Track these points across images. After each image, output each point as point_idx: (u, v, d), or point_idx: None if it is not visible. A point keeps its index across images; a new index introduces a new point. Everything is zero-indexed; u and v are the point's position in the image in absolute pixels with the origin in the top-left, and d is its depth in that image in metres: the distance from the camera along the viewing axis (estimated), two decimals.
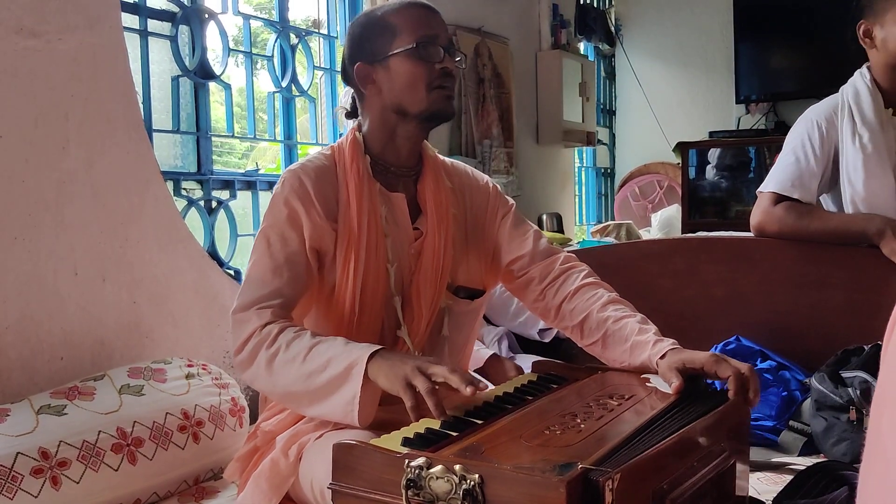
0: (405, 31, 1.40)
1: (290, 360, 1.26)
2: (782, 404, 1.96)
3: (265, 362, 1.28)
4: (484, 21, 3.71)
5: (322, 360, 1.23)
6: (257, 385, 1.34)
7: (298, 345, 1.26)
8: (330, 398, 1.22)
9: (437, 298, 1.44)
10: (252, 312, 1.32)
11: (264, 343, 1.28)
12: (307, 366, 1.24)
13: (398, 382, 1.14)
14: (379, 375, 1.18)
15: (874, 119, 2.09)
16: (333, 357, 1.22)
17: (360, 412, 1.19)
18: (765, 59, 4.92)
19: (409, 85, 1.40)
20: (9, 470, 1.39)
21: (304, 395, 1.26)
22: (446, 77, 1.41)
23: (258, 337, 1.29)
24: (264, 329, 1.30)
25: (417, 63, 1.39)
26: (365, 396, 1.19)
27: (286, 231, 1.37)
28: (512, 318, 2.57)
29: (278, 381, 1.28)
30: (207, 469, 1.76)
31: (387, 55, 1.40)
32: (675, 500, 0.94)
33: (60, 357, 1.79)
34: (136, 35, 2.17)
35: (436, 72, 1.40)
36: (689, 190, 4.47)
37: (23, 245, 1.73)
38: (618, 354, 1.40)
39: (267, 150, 3.88)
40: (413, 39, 1.39)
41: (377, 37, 1.42)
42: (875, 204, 2.09)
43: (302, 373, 1.24)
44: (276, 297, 1.33)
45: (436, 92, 1.41)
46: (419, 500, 0.89)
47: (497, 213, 1.56)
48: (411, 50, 1.39)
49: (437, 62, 1.40)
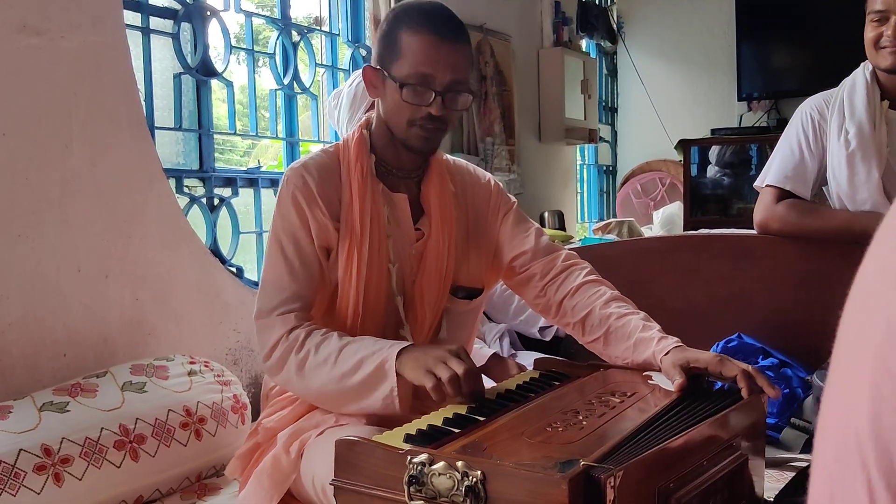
0: (406, 58, 1.32)
1: (320, 363, 1.28)
2: (784, 402, 1.96)
3: (296, 367, 1.30)
4: (486, 18, 3.71)
5: (354, 360, 1.26)
6: (291, 388, 1.38)
7: (327, 348, 1.29)
8: (367, 397, 1.25)
9: (440, 300, 1.44)
10: (275, 318, 1.34)
11: (293, 349, 1.31)
12: (339, 368, 1.27)
13: (420, 372, 1.18)
14: (405, 369, 1.22)
15: (864, 114, 2.08)
16: (365, 357, 1.25)
17: (401, 403, 1.23)
18: (767, 57, 4.92)
19: (394, 112, 1.37)
20: (11, 467, 1.40)
21: (339, 396, 1.29)
22: (431, 121, 1.35)
23: (286, 343, 1.31)
24: (291, 334, 1.32)
25: (403, 100, 1.34)
26: (402, 388, 1.23)
27: (297, 232, 1.37)
28: (513, 317, 2.58)
29: (311, 385, 1.30)
30: (210, 466, 1.76)
31: (386, 73, 1.36)
32: (681, 499, 0.94)
33: (63, 354, 1.80)
34: (138, 33, 2.17)
35: (421, 112, 1.34)
36: (691, 187, 4.46)
37: (26, 242, 1.73)
38: (620, 351, 1.40)
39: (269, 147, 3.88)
40: (406, 74, 1.32)
41: (386, 47, 1.36)
42: (859, 200, 2.09)
43: (334, 375, 1.27)
44: (296, 299, 1.35)
45: (414, 130, 1.36)
46: (421, 496, 0.90)
47: (499, 210, 1.56)
48: (401, 86, 1.33)
49: (424, 105, 1.33)
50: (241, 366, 2.24)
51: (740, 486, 1.12)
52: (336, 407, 1.34)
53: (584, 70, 4.53)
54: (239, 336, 2.23)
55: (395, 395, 1.22)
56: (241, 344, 2.24)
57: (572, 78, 4.40)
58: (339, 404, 1.32)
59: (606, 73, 5.37)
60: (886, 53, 2.03)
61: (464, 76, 1.36)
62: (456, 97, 1.36)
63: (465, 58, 1.36)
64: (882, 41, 2.02)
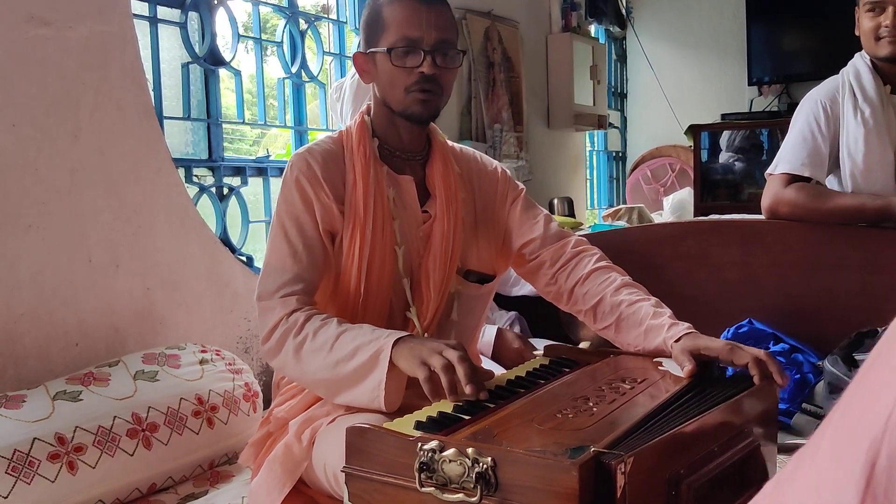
0: (390, 28, 1.36)
1: (317, 348, 1.27)
2: (795, 387, 1.96)
3: (293, 351, 1.29)
4: (494, 4, 3.69)
5: (349, 348, 1.24)
6: (287, 372, 1.37)
7: (325, 333, 1.27)
8: (358, 386, 1.23)
9: (446, 281, 1.44)
10: (276, 300, 1.33)
11: (291, 331, 1.29)
12: (335, 354, 1.25)
13: (415, 363, 1.16)
14: (400, 359, 1.19)
15: (875, 96, 2.13)
16: (361, 345, 1.23)
17: (385, 397, 1.20)
18: (777, 41, 4.87)
19: (389, 84, 1.39)
20: (26, 455, 1.41)
21: (332, 383, 1.27)
22: (425, 81, 1.36)
23: (285, 325, 1.30)
24: (290, 317, 1.30)
25: (395, 66, 1.37)
26: (390, 382, 1.20)
27: (301, 215, 1.37)
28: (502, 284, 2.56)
29: (307, 369, 1.29)
30: (222, 454, 1.77)
31: (374, 50, 1.39)
32: (692, 485, 0.94)
33: (75, 343, 1.81)
34: (145, 22, 2.17)
35: (414, 76, 1.36)
36: (702, 173, 4.44)
37: (37, 233, 1.74)
38: (632, 338, 1.40)
39: (278, 136, 3.88)
40: (393, 40, 1.36)
41: (371, 27, 1.40)
42: (873, 179, 2.13)
43: (329, 361, 1.25)
44: (298, 282, 1.34)
45: (411, 96, 1.38)
46: (432, 482, 0.90)
47: (507, 197, 1.56)
48: (390, 51, 1.36)
49: (416, 67, 1.36)
50: (252, 354, 2.25)
51: (752, 472, 1.12)
52: (329, 395, 1.31)
53: (593, 56, 4.51)
54: (249, 324, 2.24)
55: (382, 388, 1.20)
56: (251, 332, 2.25)
57: (581, 64, 4.37)
58: (331, 392, 1.30)
59: (615, 58, 5.34)
60: (885, 43, 2.09)
61: (450, 36, 1.40)
62: (445, 56, 1.39)
63: (448, 18, 1.40)
64: (880, 31, 2.09)
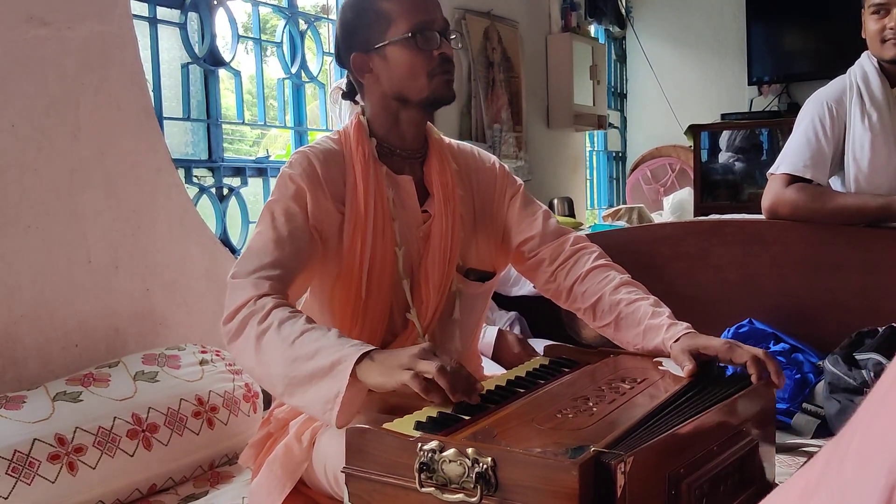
0: (400, 18, 1.37)
1: (279, 340, 1.18)
2: (796, 387, 1.95)
3: (255, 336, 1.20)
4: (493, 4, 3.69)
5: (311, 347, 1.15)
6: (242, 360, 1.26)
7: (291, 326, 1.18)
8: (309, 390, 1.14)
9: (446, 281, 1.43)
10: (249, 280, 1.27)
11: (256, 315, 1.21)
12: (294, 350, 1.16)
13: (395, 372, 1.07)
14: (371, 374, 1.10)
15: (882, 100, 2.14)
16: (323, 347, 1.14)
17: (340, 412, 1.10)
18: (777, 40, 4.87)
19: (409, 74, 1.39)
20: (26, 456, 1.41)
21: (284, 380, 1.17)
22: (445, 62, 1.39)
23: (251, 307, 1.22)
24: (259, 300, 1.23)
25: (415, 52, 1.37)
26: (349, 396, 1.11)
27: (291, 206, 1.35)
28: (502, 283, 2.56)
29: (262, 359, 1.20)
30: (222, 454, 1.77)
31: (382, 44, 1.38)
32: (692, 484, 0.94)
33: (75, 344, 1.81)
34: (145, 23, 2.17)
35: (435, 59, 1.38)
36: (702, 173, 4.44)
37: (36, 234, 1.74)
38: (631, 337, 1.40)
39: (277, 137, 3.88)
40: (408, 27, 1.37)
41: (371, 25, 1.39)
42: (878, 182, 2.13)
43: (287, 356, 1.16)
44: (276, 267, 1.29)
45: (437, 79, 1.39)
46: (432, 483, 0.90)
47: (505, 193, 1.56)
48: (408, 39, 1.37)
49: (435, 49, 1.38)
50: None
51: (751, 472, 1.12)
52: (281, 393, 1.20)
53: (593, 55, 4.51)
54: None
55: (339, 401, 1.10)
56: None
57: (581, 64, 4.37)
58: (284, 390, 1.18)
59: (615, 58, 5.34)
60: (891, 45, 2.09)
61: (445, 21, 1.44)
62: (450, 36, 1.43)
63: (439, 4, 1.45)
64: (885, 34, 2.09)
